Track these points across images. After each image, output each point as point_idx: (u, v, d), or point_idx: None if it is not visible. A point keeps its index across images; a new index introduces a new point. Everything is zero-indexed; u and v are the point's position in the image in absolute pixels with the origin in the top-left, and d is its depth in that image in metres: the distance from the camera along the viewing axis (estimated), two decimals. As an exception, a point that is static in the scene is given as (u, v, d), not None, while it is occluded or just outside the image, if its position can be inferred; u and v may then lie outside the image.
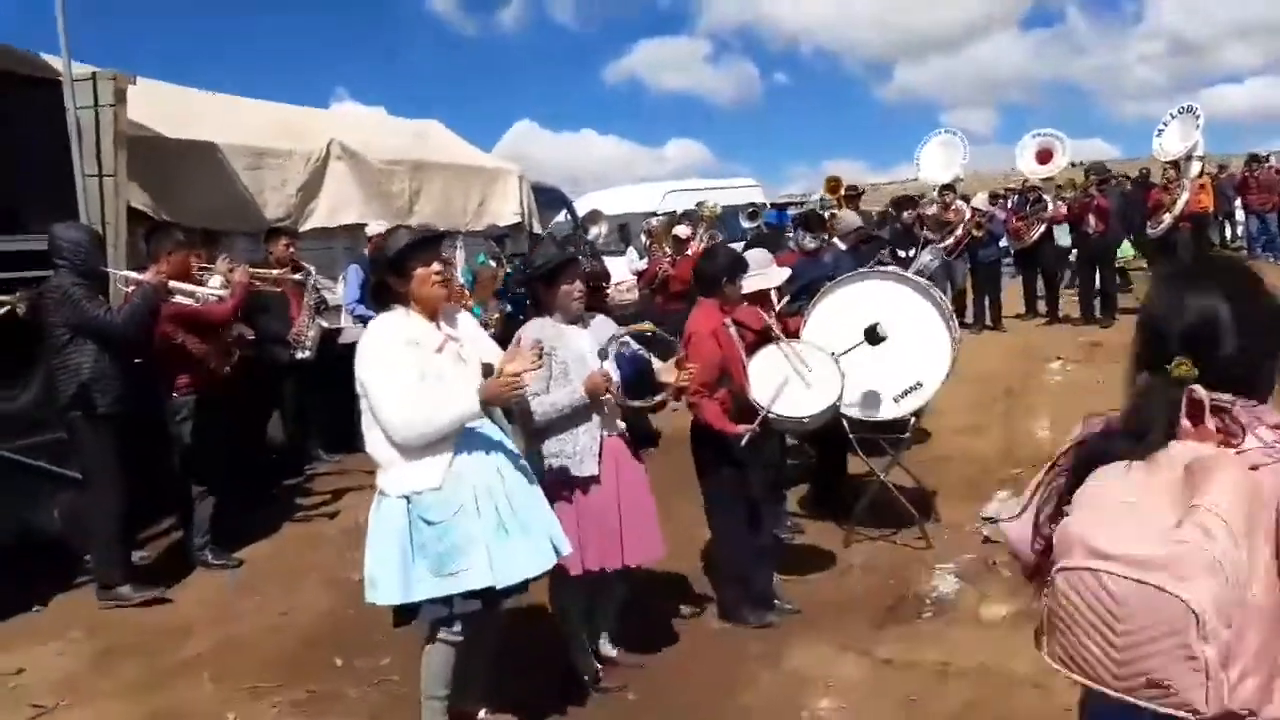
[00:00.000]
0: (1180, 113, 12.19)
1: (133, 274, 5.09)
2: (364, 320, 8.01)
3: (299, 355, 7.38)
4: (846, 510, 5.55)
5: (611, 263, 10.51)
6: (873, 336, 5.08)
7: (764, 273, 5.34)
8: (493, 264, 9.17)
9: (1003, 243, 11.87)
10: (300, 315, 7.43)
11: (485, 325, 8.62)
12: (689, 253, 9.81)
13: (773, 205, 17.19)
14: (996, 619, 4.09)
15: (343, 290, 8.07)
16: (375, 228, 8.14)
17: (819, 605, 4.62)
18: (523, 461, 3.33)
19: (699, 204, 11.68)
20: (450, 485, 3.07)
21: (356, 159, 8.64)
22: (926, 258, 8.88)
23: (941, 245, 9.45)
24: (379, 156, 8.97)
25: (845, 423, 5.38)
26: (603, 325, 3.90)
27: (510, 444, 3.30)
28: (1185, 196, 11.31)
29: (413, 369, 3.04)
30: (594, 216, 10.40)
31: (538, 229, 10.97)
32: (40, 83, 5.46)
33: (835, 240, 8.67)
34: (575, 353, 3.68)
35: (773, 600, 4.52)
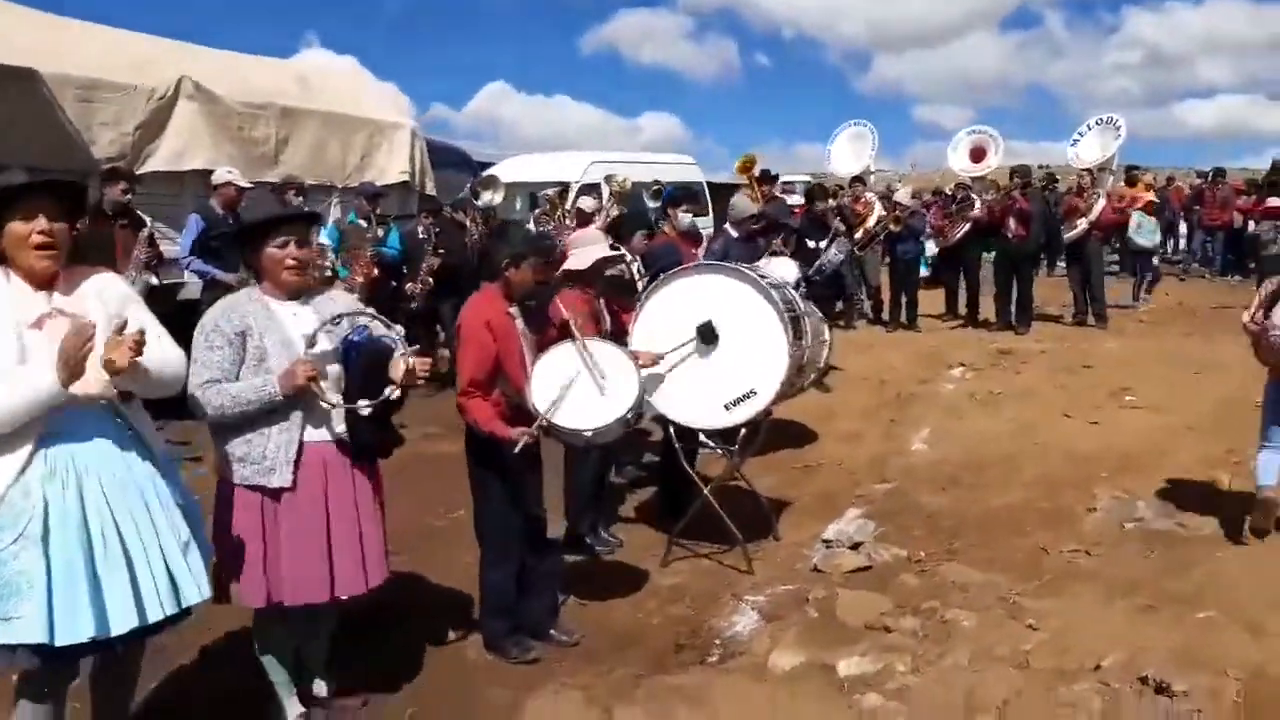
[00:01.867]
0: (1100, 123, 11.94)
1: None
2: (199, 275, 7.39)
3: (121, 312, 6.68)
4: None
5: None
6: (706, 335, 4.50)
7: (591, 246, 4.77)
8: (363, 223, 8.54)
9: (929, 241, 11.39)
10: (125, 271, 6.74)
11: (350, 288, 8.20)
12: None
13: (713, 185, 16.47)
14: (780, 671, 3.56)
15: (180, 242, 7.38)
16: (222, 175, 7.46)
17: (604, 636, 4.07)
18: (157, 472, 2.68)
19: (608, 177, 11.04)
20: (15, 501, 2.42)
21: (211, 99, 7.93)
22: (833, 252, 8.40)
23: (849, 239, 8.88)
24: (241, 98, 8.23)
25: (671, 430, 4.85)
26: (329, 303, 3.26)
27: (143, 447, 2.66)
28: (1100, 205, 10.90)
29: None
30: (488, 182, 9.71)
31: (431, 189, 10.30)
32: None
33: (727, 226, 8.16)
34: (281, 335, 3.04)
35: (547, 629, 3.97)
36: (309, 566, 3.04)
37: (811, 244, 8.50)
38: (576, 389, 3.78)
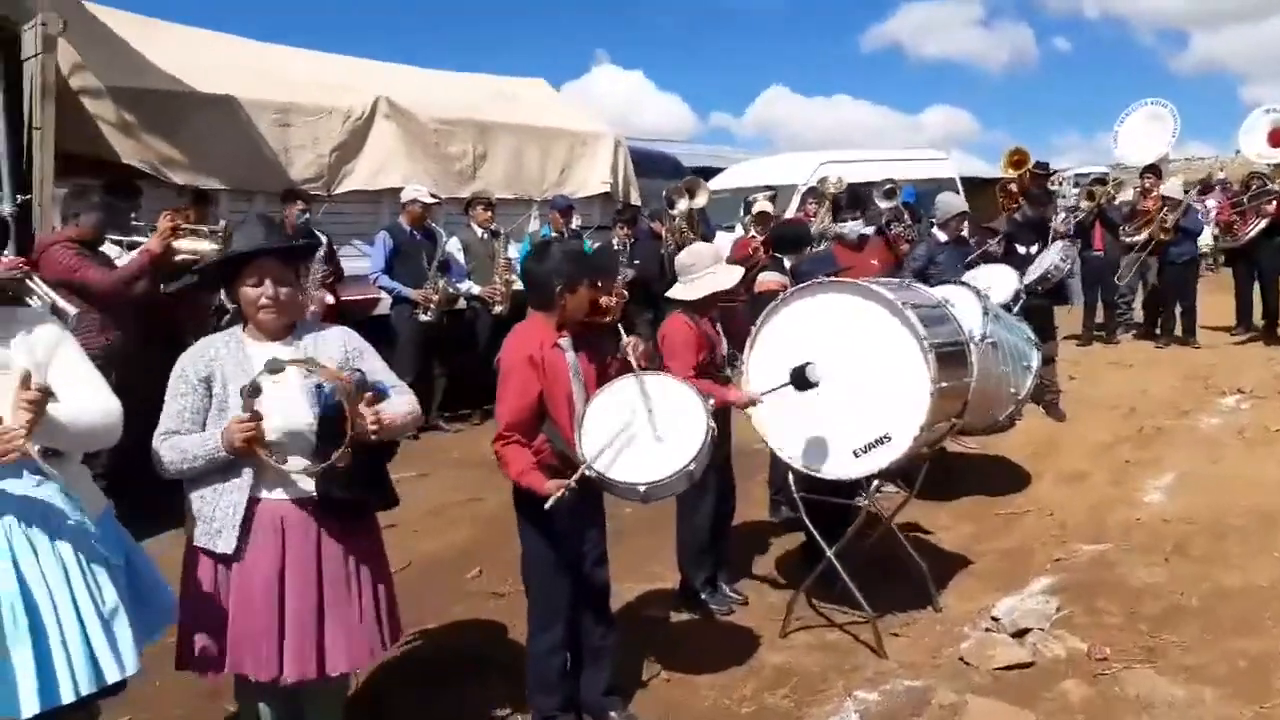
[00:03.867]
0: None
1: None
2: (387, 291, 7.50)
3: (300, 329, 6.89)
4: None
5: (722, 238, 9.41)
6: (800, 381, 3.75)
7: (704, 274, 4.17)
8: (555, 237, 8.34)
9: (1204, 239, 9.55)
10: (306, 286, 6.95)
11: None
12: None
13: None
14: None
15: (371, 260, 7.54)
16: (412, 192, 7.54)
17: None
18: (88, 533, 2.43)
19: (821, 180, 10.22)
20: None
21: (406, 118, 8.04)
22: (1054, 257, 7.17)
23: (1071, 241, 7.52)
24: (438, 115, 8.31)
25: (791, 477, 4.13)
26: (321, 343, 2.89)
27: (72, 506, 2.42)
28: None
29: None
30: (692, 186, 9.22)
31: (635, 199, 10.00)
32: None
33: (934, 230, 7.18)
34: (243, 382, 2.70)
35: (605, 710, 3.42)
36: (254, 641, 2.68)
37: (1021, 249, 7.27)
38: (632, 434, 3.20)
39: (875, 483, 3.96)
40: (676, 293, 4.26)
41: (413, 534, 5.53)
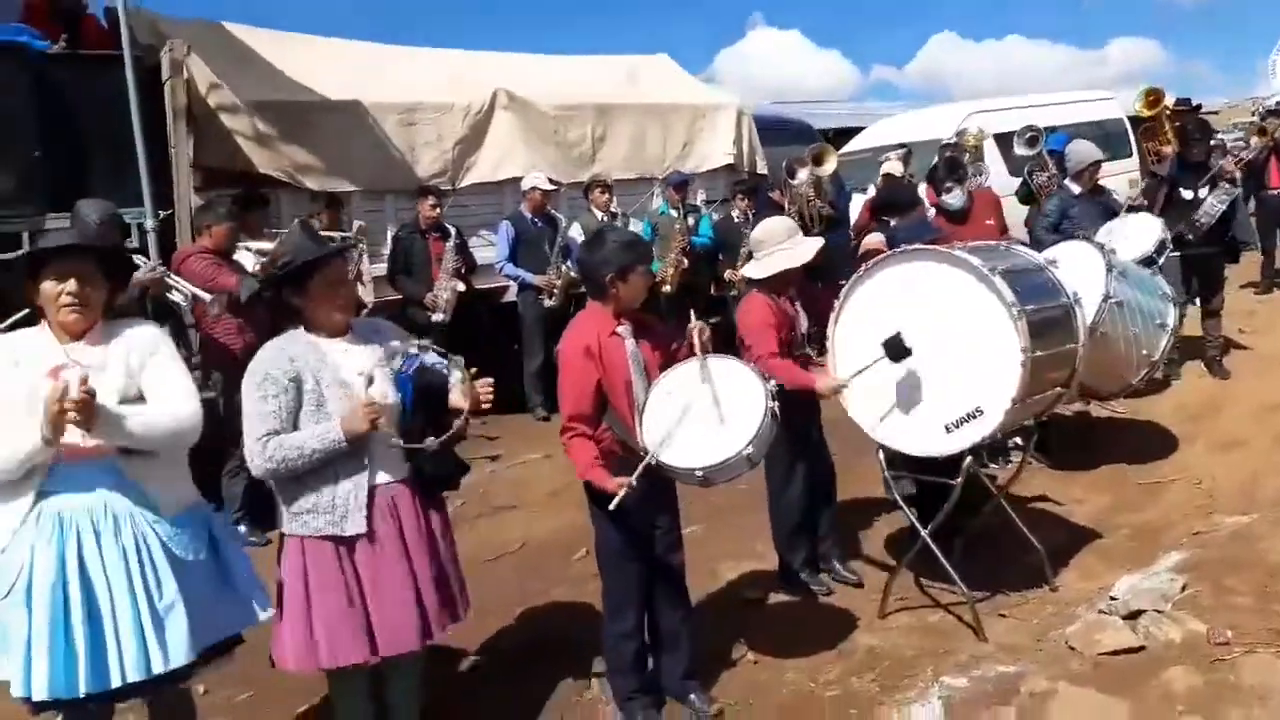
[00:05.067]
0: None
1: (138, 258, 5.01)
2: (511, 278, 7.71)
3: (434, 318, 7.20)
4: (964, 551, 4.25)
5: (858, 201, 9.14)
6: (895, 351, 3.59)
7: (776, 250, 4.07)
8: (673, 213, 8.32)
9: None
10: (439, 278, 7.25)
11: (662, 281, 8.07)
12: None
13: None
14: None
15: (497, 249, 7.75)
16: (534, 180, 7.70)
17: (758, 709, 3.44)
18: (162, 530, 2.65)
19: (959, 132, 9.72)
20: (8, 557, 2.52)
21: (525, 107, 8.18)
22: (1210, 201, 6.58)
23: (1231, 179, 6.79)
24: (556, 101, 8.42)
25: (880, 455, 3.99)
26: (376, 335, 3.05)
27: (148, 503, 2.65)
28: None
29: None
30: (818, 152, 8.94)
31: (762, 168, 9.81)
32: (96, 58, 5.62)
33: (1067, 181, 6.71)
34: (335, 376, 2.89)
35: (686, 692, 3.43)
36: (400, 613, 2.88)
37: (1189, 194, 6.66)
38: (693, 419, 3.18)
39: (969, 460, 3.75)
40: (749, 271, 4.18)
41: (532, 515, 5.70)
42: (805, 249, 4.08)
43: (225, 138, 6.57)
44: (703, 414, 3.18)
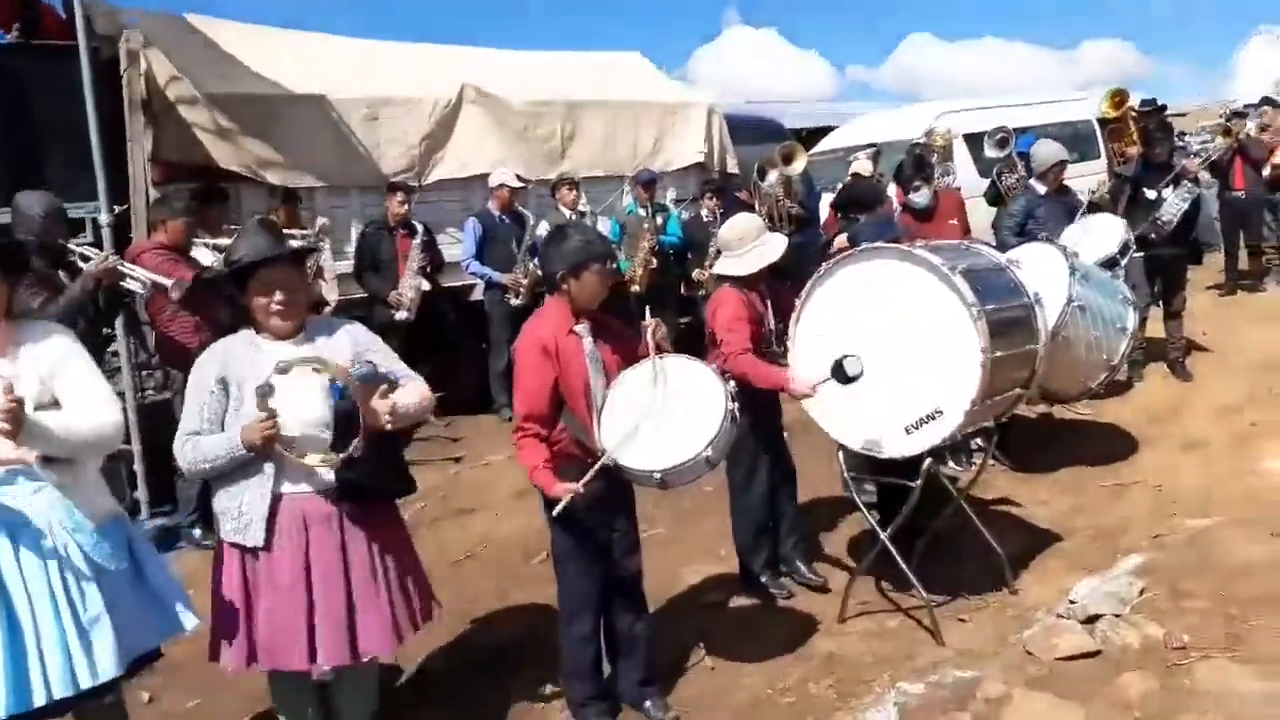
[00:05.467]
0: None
1: (88, 250, 4.89)
2: (478, 276, 7.62)
3: (398, 317, 7.09)
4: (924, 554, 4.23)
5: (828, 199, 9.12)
6: (840, 375, 3.57)
7: (753, 247, 4.04)
8: (642, 212, 8.26)
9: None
10: (404, 275, 7.15)
11: (631, 281, 8.01)
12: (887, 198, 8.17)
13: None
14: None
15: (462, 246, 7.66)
16: (501, 176, 7.62)
17: (715, 714, 3.40)
18: (85, 540, 2.56)
19: (928, 131, 9.73)
20: None
21: (494, 102, 8.09)
22: (1172, 200, 6.62)
23: (1194, 178, 6.82)
24: (526, 97, 8.34)
25: (840, 455, 3.96)
26: (330, 341, 2.96)
27: (71, 513, 2.56)
28: None
29: None
30: (788, 152, 8.90)
31: (732, 167, 9.78)
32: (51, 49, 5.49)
33: (1032, 181, 6.73)
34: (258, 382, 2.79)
35: (641, 699, 3.39)
36: (285, 631, 2.80)
37: (1152, 194, 6.69)
38: (651, 420, 3.13)
39: (928, 461, 3.73)
40: (725, 268, 4.14)
41: (494, 517, 5.63)
42: (776, 245, 4.06)
43: (185, 131, 6.44)
44: (661, 415, 3.14)
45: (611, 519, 3.33)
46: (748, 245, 4.06)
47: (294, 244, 3.23)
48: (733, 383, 3.20)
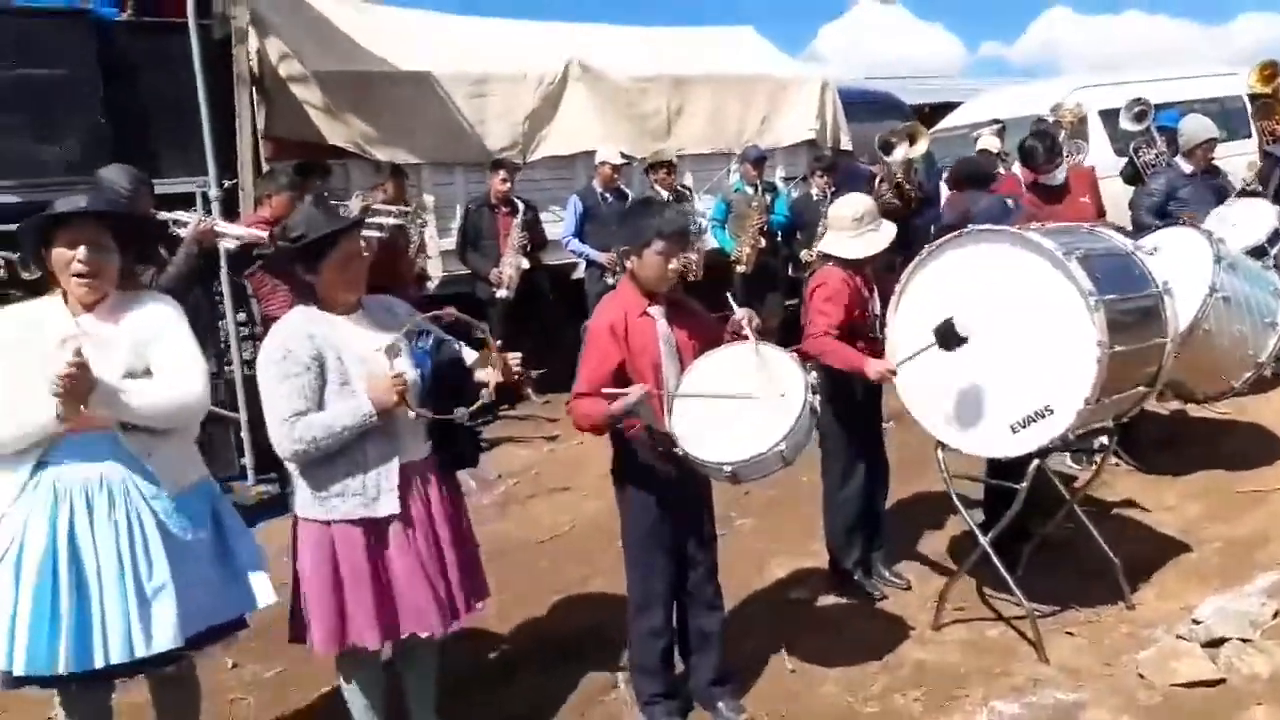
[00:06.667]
0: None
1: (182, 215, 4.96)
2: (577, 254, 7.54)
3: (499, 294, 7.09)
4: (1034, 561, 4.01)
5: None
6: (946, 338, 3.28)
7: (867, 230, 3.80)
8: (749, 190, 8.01)
9: None
10: (505, 253, 7.12)
11: (738, 261, 7.80)
12: (1001, 173, 7.70)
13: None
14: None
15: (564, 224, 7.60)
16: (605, 153, 7.51)
17: (791, 720, 3.23)
18: (161, 508, 2.57)
19: (1055, 106, 9.15)
20: (7, 522, 2.46)
21: (599, 78, 7.98)
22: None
23: None
24: (631, 73, 8.20)
25: (940, 454, 3.69)
26: (389, 312, 2.92)
27: (149, 480, 2.56)
28: None
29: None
30: (913, 131, 8.48)
31: (846, 144, 9.41)
32: (165, 26, 5.63)
33: (1178, 159, 6.22)
34: (354, 353, 2.76)
35: (714, 700, 3.23)
36: (426, 594, 2.79)
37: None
38: (729, 410, 2.96)
39: (1034, 463, 3.44)
40: (832, 248, 3.89)
41: (583, 497, 5.56)
42: (888, 233, 3.83)
43: (295, 108, 6.56)
44: (739, 406, 2.96)
45: (685, 509, 3.18)
46: (862, 228, 3.82)
47: (356, 219, 3.18)
48: (814, 374, 3.00)
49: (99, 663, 2.43)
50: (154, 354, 2.62)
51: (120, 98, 5.59)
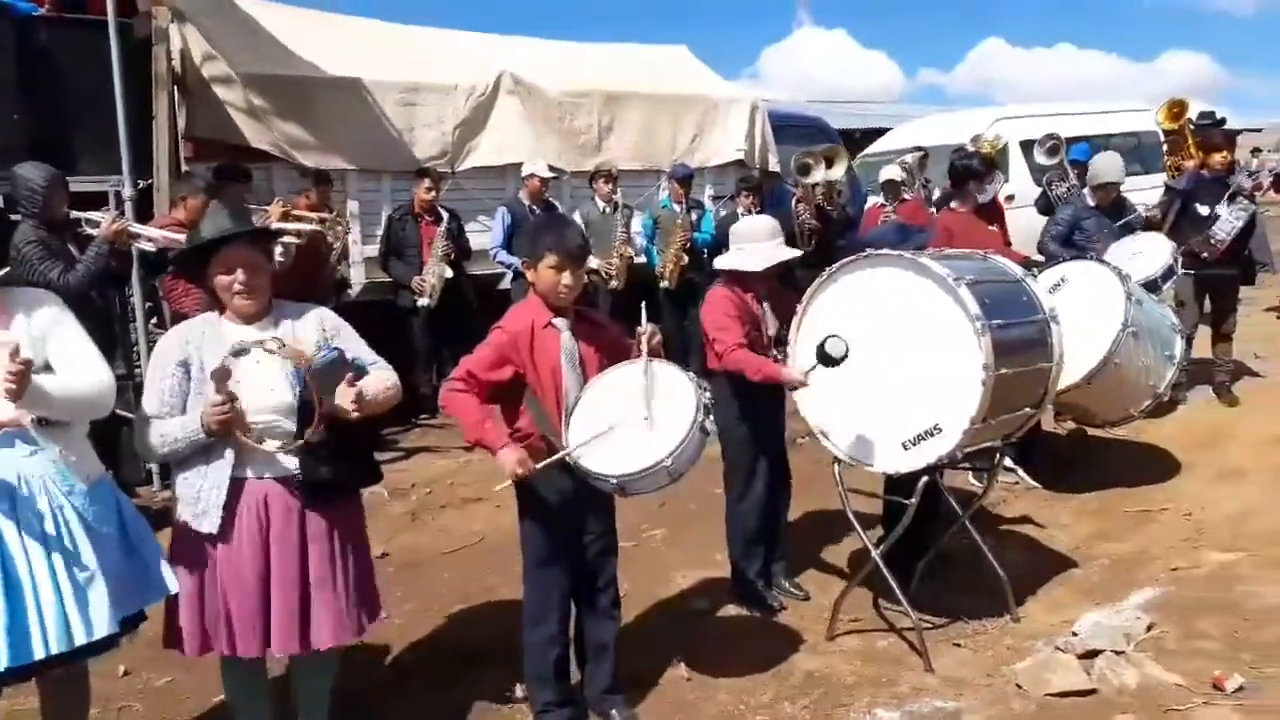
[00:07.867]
0: None
1: (95, 215, 4.89)
2: (505, 266, 7.56)
3: (421, 303, 7.08)
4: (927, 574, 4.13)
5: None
6: (825, 358, 3.38)
7: (754, 248, 3.91)
8: (676, 208, 8.12)
9: None
10: (428, 262, 7.11)
11: (660, 276, 7.89)
12: (906, 198, 7.94)
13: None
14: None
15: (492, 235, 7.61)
16: (533, 166, 7.55)
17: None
18: (76, 500, 2.53)
19: (975, 136, 9.46)
20: None
21: (531, 91, 8.03)
22: (1226, 217, 6.29)
23: (1250, 195, 6.46)
24: (563, 88, 8.26)
25: (836, 468, 3.79)
26: (298, 326, 2.88)
27: (65, 473, 2.53)
28: None
29: None
30: (831, 154, 8.66)
31: (774, 165, 9.59)
32: (87, 23, 5.55)
33: (1085, 191, 6.48)
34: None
35: (606, 708, 3.27)
36: (241, 619, 2.72)
37: (1205, 210, 6.37)
38: (623, 424, 3.01)
39: (924, 480, 3.56)
40: (730, 262, 3.98)
41: (495, 509, 5.55)
42: (787, 250, 3.94)
43: (218, 109, 6.49)
44: (633, 420, 3.01)
45: (585, 520, 3.21)
46: (760, 243, 3.92)
47: (256, 223, 3.16)
48: (709, 393, 3.06)
49: (39, 654, 2.39)
50: (52, 349, 2.59)
51: (37, 94, 5.49)
